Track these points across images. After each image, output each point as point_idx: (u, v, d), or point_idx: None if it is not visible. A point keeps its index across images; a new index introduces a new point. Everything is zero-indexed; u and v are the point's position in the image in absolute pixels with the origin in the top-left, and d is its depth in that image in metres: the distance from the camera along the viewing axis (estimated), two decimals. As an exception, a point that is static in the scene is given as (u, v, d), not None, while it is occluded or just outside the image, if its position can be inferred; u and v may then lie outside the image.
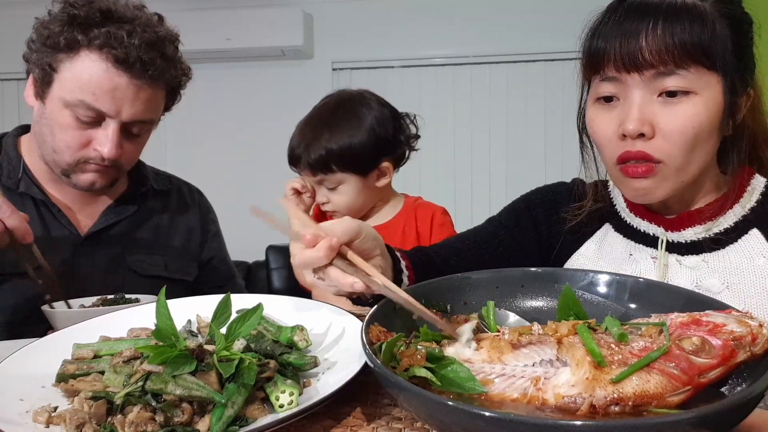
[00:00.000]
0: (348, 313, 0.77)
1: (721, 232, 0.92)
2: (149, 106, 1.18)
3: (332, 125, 1.36)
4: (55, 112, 1.13)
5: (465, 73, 3.56)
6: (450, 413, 0.46)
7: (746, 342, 0.53)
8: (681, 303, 0.63)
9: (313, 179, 1.40)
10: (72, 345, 0.71)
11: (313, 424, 0.59)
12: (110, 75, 1.10)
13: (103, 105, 1.11)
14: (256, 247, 3.20)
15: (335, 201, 1.40)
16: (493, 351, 0.57)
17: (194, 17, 3.39)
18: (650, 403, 0.50)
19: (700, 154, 0.86)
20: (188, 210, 1.43)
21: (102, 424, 0.56)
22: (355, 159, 1.35)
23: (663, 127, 0.84)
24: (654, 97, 0.84)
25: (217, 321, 0.65)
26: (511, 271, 0.75)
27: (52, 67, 1.12)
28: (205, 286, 1.40)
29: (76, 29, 1.10)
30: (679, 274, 0.94)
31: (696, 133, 0.84)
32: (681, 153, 0.85)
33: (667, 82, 0.82)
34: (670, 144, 0.84)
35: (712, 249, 0.92)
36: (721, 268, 0.91)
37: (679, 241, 0.95)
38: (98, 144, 1.14)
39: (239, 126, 3.69)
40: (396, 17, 3.58)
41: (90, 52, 1.11)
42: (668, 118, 0.83)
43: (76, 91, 1.10)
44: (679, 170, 0.86)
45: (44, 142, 1.17)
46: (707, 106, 0.83)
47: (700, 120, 0.83)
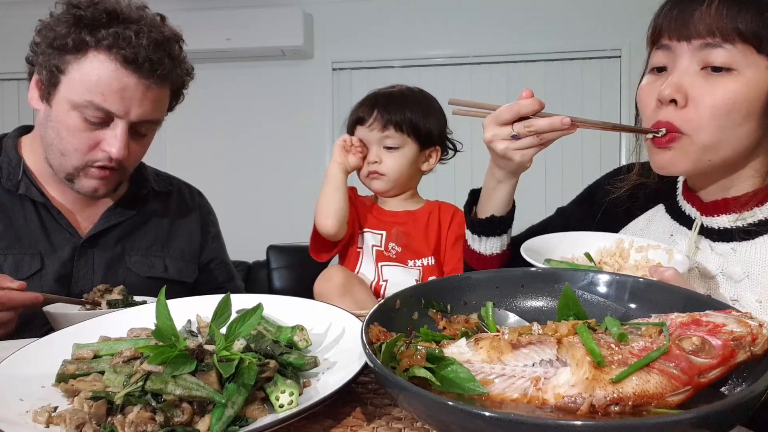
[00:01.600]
0: (348, 313, 0.77)
1: (755, 223, 0.91)
2: (156, 106, 1.18)
3: (410, 99, 1.49)
4: (62, 114, 1.13)
5: (465, 73, 3.56)
6: (450, 413, 0.46)
7: (746, 342, 0.53)
8: (681, 303, 0.63)
9: (379, 134, 1.46)
10: (72, 345, 0.71)
11: (313, 424, 0.59)
12: (119, 75, 1.11)
13: (112, 105, 1.11)
14: (256, 247, 3.20)
15: (387, 162, 1.47)
16: (492, 351, 0.57)
17: (194, 17, 3.40)
18: (650, 403, 0.50)
19: (734, 135, 0.85)
20: (189, 212, 1.43)
21: (102, 424, 0.56)
22: (423, 130, 1.47)
23: (697, 98, 0.84)
24: (698, 68, 0.84)
25: (217, 321, 0.65)
26: (511, 271, 0.75)
27: (59, 68, 1.12)
28: (204, 287, 1.40)
29: (83, 30, 1.10)
30: (709, 259, 0.94)
31: (729, 110, 0.83)
32: (709, 129, 0.84)
33: (713, 55, 0.83)
34: (699, 117, 0.84)
35: (743, 239, 0.91)
36: (746, 258, 0.90)
37: (711, 226, 0.95)
38: (106, 145, 1.14)
39: (239, 126, 3.70)
40: (396, 17, 3.58)
41: (98, 52, 1.10)
42: (705, 90, 0.84)
43: (84, 92, 1.10)
44: (706, 147, 0.86)
45: (51, 145, 1.17)
46: (748, 87, 0.83)
47: (736, 98, 0.82)
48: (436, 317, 0.70)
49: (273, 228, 3.55)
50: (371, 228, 1.51)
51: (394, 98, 1.49)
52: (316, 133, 3.72)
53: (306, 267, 1.55)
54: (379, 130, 1.46)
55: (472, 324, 0.68)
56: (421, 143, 1.49)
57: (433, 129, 1.50)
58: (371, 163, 1.48)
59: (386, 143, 1.47)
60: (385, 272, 1.47)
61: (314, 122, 3.71)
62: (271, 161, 3.74)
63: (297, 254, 3.20)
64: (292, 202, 3.66)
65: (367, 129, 1.47)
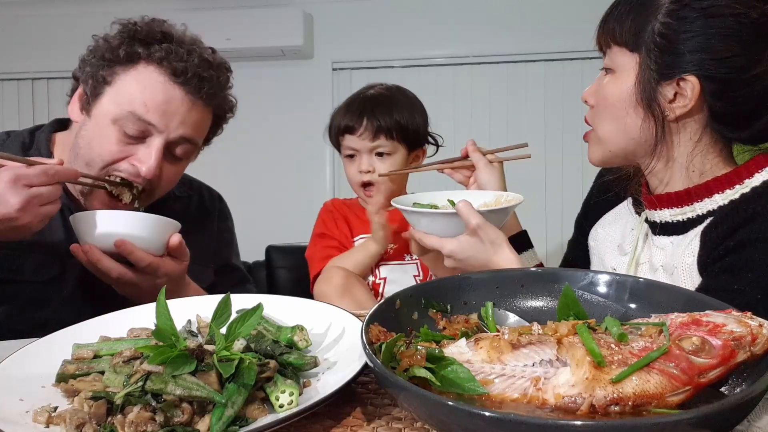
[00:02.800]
0: (348, 313, 0.77)
1: (693, 218, 0.94)
2: (198, 127, 1.16)
3: (394, 102, 1.49)
4: (99, 125, 1.10)
5: (465, 73, 3.56)
6: (450, 413, 0.46)
7: (746, 342, 0.53)
8: (681, 303, 0.63)
9: (370, 143, 1.46)
10: (72, 345, 0.71)
11: (313, 424, 0.59)
12: (166, 87, 1.09)
13: (154, 117, 1.08)
14: (256, 247, 3.20)
15: (380, 170, 1.48)
16: (492, 351, 0.57)
17: (194, 17, 3.37)
18: (650, 403, 0.50)
19: (621, 126, 0.95)
20: (207, 216, 1.41)
21: (102, 424, 0.56)
22: (411, 133, 1.49)
23: (596, 98, 0.99)
24: (603, 74, 0.99)
25: (217, 321, 0.65)
26: (511, 271, 0.75)
27: (105, 79, 1.10)
28: (216, 291, 1.38)
29: (136, 43, 1.09)
30: (653, 252, 0.99)
31: (610, 104, 0.95)
32: (602, 122, 0.98)
33: (604, 62, 0.98)
34: (594, 113, 1.00)
35: (682, 232, 0.95)
36: (678, 252, 0.93)
37: (654, 220, 1.00)
38: (138, 160, 1.10)
39: (239, 126, 3.68)
40: (396, 17, 3.58)
41: (148, 64, 1.10)
42: (599, 91, 0.98)
43: (126, 103, 1.08)
44: (602, 139, 0.99)
45: (77, 155, 1.13)
46: (623, 82, 0.93)
47: (613, 92, 0.95)
48: (436, 317, 0.70)
49: (273, 228, 3.54)
50: (365, 234, 1.50)
51: (379, 102, 1.48)
52: (316, 133, 3.68)
53: (306, 267, 1.55)
54: (369, 140, 1.45)
55: (472, 324, 0.68)
56: (410, 146, 1.50)
57: (420, 128, 1.51)
58: (364, 173, 1.47)
59: (378, 150, 1.47)
60: (383, 271, 1.48)
61: (314, 122, 3.68)
62: (270, 161, 3.73)
63: (296, 254, 3.18)
64: (292, 202, 3.66)
65: (357, 138, 1.46)
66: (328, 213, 1.57)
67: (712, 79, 0.88)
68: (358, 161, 1.48)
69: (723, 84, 0.88)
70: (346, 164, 1.52)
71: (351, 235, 1.52)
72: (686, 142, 0.94)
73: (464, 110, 3.54)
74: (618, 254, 1.07)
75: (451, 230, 1.02)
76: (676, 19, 0.88)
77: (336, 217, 1.55)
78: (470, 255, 1.00)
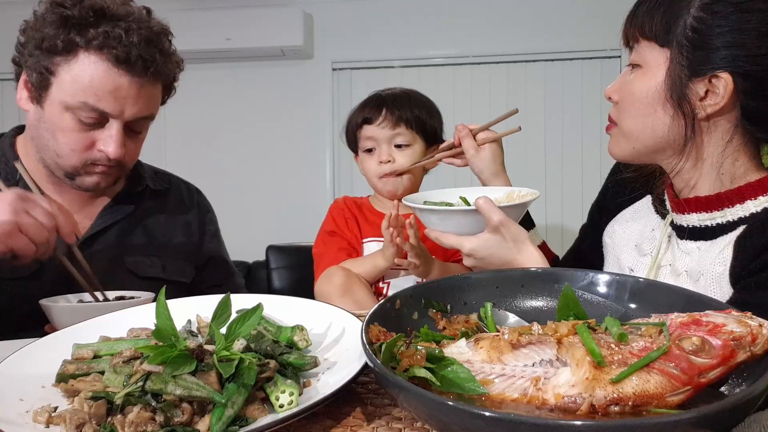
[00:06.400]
0: (348, 313, 0.77)
1: (723, 224, 0.91)
2: (150, 103, 1.18)
3: (414, 98, 1.51)
4: (55, 115, 1.12)
5: (465, 73, 3.56)
6: (450, 413, 0.46)
7: (746, 342, 0.53)
8: (681, 303, 0.63)
9: (391, 132, 1.45)
10: (72, 345, 0.71)
11: (313, 424, 0.59)
12: (112, 75, 1.10)
13: (107, 106, 1.10)
14: (256, 247, 3.19)
15: (400, 161, 1.46)
16: (492, 351, 0.57)
17: (194, 17, 3.39)
18: (650, 403, 0.50)
19: (647, 123, 0.92)
20: (186, 210, 1.42)
21: (102, 424, 0.56)
22: (429, 128, 1.49)
23: (621, 94, 0.96)
24: (629, 69, 0.95)
25: (217, 321, 0.64)
26: (511, 271, 0.75)
27: (48, 70, 1.10)
28: (203, 285, 1.39)
29: (71, 30, 1.09)
30: (677, 256, 0.96)
31: (637, 100, 0.92)
32: (627, 118, 0.95)
33: (631, 57, 0.95)
34: (620, 109, 0.96)
35: (710, 238, 0.92)
36: (705, 258, 0.91)
37: (681, 224, 0.96)
38: (103, 145, 1.13)
39: (239, 126, 3.69)
40: (396, 17, 3.58)
41: (89, 53, 1.09)
42: (625, 86, 0.95)
43: (77, 94, 1.09)
44: (626, 135, 0.95)
45: (46, 147, 1.16)
46: (651, 78, 0.91)
47: (641, 89, 0.91)
48: (436, 317, 0.70)
49: (272, 228, 3.54)
50: (375, 237, 1.49)
51: (399, 97, 1.49)
52: (316, 133, 3.71)
53: (306, 267, 1.54)
54: (390, 128, 1.45)
55: (472, 324, 0.68)
56: (427, 141, 1.49)
57: (436, 127, 1.52)
58: (384, 163, 1.47)
59: (397, 141, 1.46)
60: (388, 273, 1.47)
61: (314, 122, 3.71)
62: (270, 161, 3.73)
63: (297, 254, 3.19)
64: (291, 202, 3.66)
65: (377, 127, 1.45)
66: (339, 211, 1.55)
67: (746, 77, 0.85)
68: (377, 153, 1.47)
69: (757, 82, 0.85)
70: (365, 159, 1.50)
71: (360, 236, 1.52)
72: (717, 142, 0.91)
73: (464, 110, 3.54)
74: (636, 254, 1.04)
75: (469, 228, 0.99)
76: (710, 13, 0.85)
77: (347, 216, 1.54)
78: (492, 253, 0.97)
